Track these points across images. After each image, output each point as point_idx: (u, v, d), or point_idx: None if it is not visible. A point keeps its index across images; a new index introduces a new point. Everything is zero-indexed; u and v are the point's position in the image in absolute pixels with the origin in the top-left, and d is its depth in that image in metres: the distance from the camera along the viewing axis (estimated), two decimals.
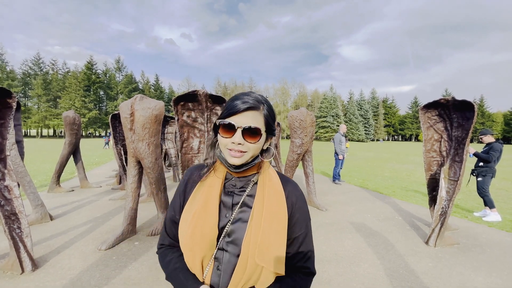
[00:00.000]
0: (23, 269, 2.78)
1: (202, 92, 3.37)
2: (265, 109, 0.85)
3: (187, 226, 0.82)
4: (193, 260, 0.82)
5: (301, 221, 0.88)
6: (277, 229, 0.81)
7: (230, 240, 0.82)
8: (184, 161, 3.57)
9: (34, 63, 57.09)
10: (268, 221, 0.80)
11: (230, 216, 0.85)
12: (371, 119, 73.08)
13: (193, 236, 0.81)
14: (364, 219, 4.82)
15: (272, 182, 0.88)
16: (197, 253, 0.81)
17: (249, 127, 0.79)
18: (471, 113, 3.57)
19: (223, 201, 0.87)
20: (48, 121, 53.79)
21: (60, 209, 5.15)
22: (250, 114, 0.81)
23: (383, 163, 15.29)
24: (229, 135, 0.80)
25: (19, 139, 4.24)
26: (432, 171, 4.16)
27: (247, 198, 0.87)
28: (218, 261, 0.83)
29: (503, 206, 5.91)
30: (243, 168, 0.85)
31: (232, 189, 0.89)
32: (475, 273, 3.02)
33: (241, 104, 0.80)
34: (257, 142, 0.82)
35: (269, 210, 0.82)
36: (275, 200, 0.84)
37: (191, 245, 0.82)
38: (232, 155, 0.81)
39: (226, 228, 0.83)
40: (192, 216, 0.83)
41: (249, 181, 0.89)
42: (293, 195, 0.90)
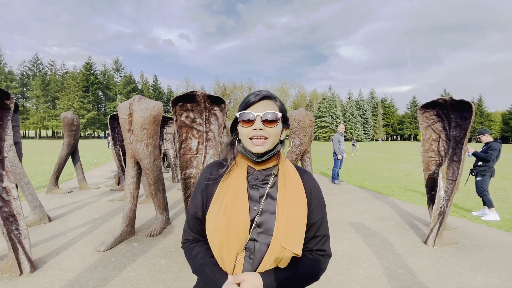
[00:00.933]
0: (21, 270, 2.77)
1: (201, 93, 3.37)
2: (278, 101, 0.96)
3: (219, 219, 0.87)
4: (228, 251, 0.86)
5: (317, 208, 0.96)
6: (299, 216, 0.89)
7: (261, 230, 0.89)
8: (182, 162, 3.56)
9: (32, 64, 56.87)
10: (291, 209, 0.88)
11: (258, 208, 0.91)
12: (370, 119, 73.15)
13: (228, 228, 0.86)
14: (363, 219, 4.82)
15: (291, 173, 0.95)
16: (232, 244, 0.86)
17: (267, 113, 0.89)
18: (469, 112, 3.58)
19: (250, 195, 0.93)
20: (47, 122, 53.63)
21: (58, 210, 5.13)
22: (265, 103, 0.91)
23: (382, 163, 15.31)
24: (249, 124, 0.89)
25: (17, 141, 4.23)
26: (430, 170, 4.17)
27: (271, 190, 0.94)
28: (250, 250, 0.88)
29: (501, 206, 5.92)
30: (265, 156, 0.92)
31: (255, 182, 0.95)
32: (473, 272, 3.03)
33: (256, 96, 0.92)
34: (275, 127, 0.90)
35: (291, 199, 0.90)
36: (296, 189, 0.92)
37: (227, 237, 0.86)
38: (255, 143, 0.89)
39: (255, 220, 0.89)
40: (223, 210, 0.88)
41: (270, 173, 0.96)
42: (310, 184, 0.98)
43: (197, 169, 3.62)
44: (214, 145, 3.65)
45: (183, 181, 3.57)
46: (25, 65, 56.36)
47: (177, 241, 3.78)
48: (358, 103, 75.07)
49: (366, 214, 5.16)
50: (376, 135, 76.79)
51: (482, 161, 5.00)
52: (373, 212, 5.28)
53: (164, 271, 2.95)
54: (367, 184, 8.36)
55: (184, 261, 3.16)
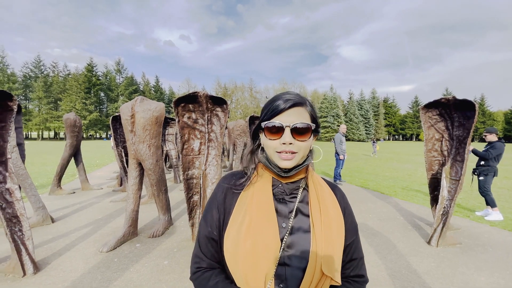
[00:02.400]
0: (24, 272, 2.78)
1: (203, 94, 3.37)
2: (308, 105, 0.80)
3: (242, 240, 0.72)
4: (254, 279, 0.70)
5: (351, 228, 0.84)
6: (337, 235, 0.77)
7: (292, 252, 0.74)
8: (185, 163, 3.57)
9: (34, 65, 57.25)
10: (329, 229, 0.76)
11: (288, 225, 0.77)
12: (371, 118, 73.02)
13: (255, 249, 0.71)
14: (366, 219, 4.81)
15: (323, 187, 0.84)
16: (260, 270, 0.70)
17: (297, 124, 0.74)
18: (472, 112, 3.56)
19: (278, 210, 0.79)
20: (49, 123, 53.96)
21: (61, 211, 5.15)
22: (296, 111, 0.76)
23: (384, 163, 15.26)
24: (277, 136, 0.75)
25: (20, 142, 4.25)
26: (433, 170, 4.15)
27: (300, 205, 0.80)
28: (279, 278, 0.73)
29: (505, 205, 5.88)
30: (294, 171, 0.79)
31: (282, 196, 0.82)
32: (477, 273, 3.01)
33: (285, 102, 0.75)
34: (307, 140, 0.76)
35: (327, 216, 0.77)
36: (331, 205, 0.80)
37: (254, 262, 0.71)
38: (283, 157, 0.75)
39: (284, 240, 0.75)
40: (247, 228, 0.73)
41: (298, 186, 0.83)
42: (342, 200, 0.86)
43: (199, 169, 3.62)
44: (216, 145, 3.65)
45: (185, 182, 3.57)
46: (28, 67, 56.83)
47: (180, 241, 3.78)
48: (359, 103, 74.97)
49: (368, 214, 5.14)
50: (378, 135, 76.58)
51: (482, 159, 5.01)
52: (375, 212, 5.26)
53: (167, 272, 2.95)
54: (369, 184, 8.33)
55: (187, 262, 3.16)
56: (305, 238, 0.75)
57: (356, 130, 67.27)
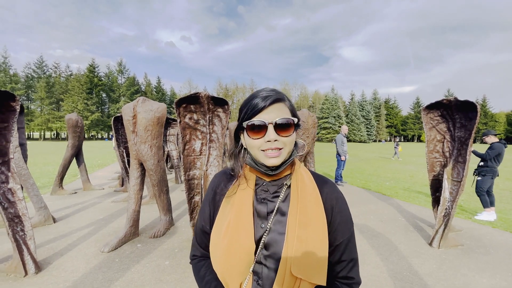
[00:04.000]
0: (26, 271, 2.79)
1: (204, 94, 3.37)
2: (287, 100, 0.79)
3: (221, 238, 0.76)
4: (230, 275, 0.74)
5: (343, 226, 0.80)
6: (315, 237, 0.74)
7: (268, 254, 0.75)
8: (186, 163, 3.57)
9: (37, 66, 57.52)
10: (303, 227, 0.73)
11: (266, 226, 0.77)
12: (373, 120, 72.84)
13: (229, 249, 0.74)
14: (367, 221, 4.80)
15: (306, 183, 0.80)
16: (234, 267, 0.74)
17: (280, 120, 0.73)
18: (474, 113, 3.55)
19: (257, 210, 0.79)
20: (51, 123, 54.13)
21: (63, 211, 5.17)
22: (276, 108, 0.75)
23: (385, 164, 15.23)
24: (260, 135, 0.74)
25: (22, 142, 4.27)
26: (435, 172, 4.14)
27: (282, 204, 0.79)
28: (257, 275, 0.75)
29: (506, 207, 5.86)
30: (281, 167, 0.78)
31: (264, 196, 0.81)
32: (479, 274, 2.99)
33: (264, 99, 0.74)
34: (291, 135, 0.76)
35: (304, 216, 0.75)
36: (311, 204, 0.77)
37: (228, 259, 0.74)
38: (270, 155, 0.74)
39: (262, 240, 0.75)
40: (226, 228, 0.76)
41: (282, 184, 0.82)
42: (332, 197, 0.81)
43: (201, 170, 3.63)
44: (218, 146, 3.65)
45: (186, 182, 3.57)
46: (30, 67, 57.06)
47: (181, 242, 3.78)
48: (361, 104, 74.82)
49: (370, 215, 5.13)
50: (379, 136, 76.43)
51: (481, 160, 5.03)
52: (377, 214, 5.24)
53: (168, 272, 2.95)
54: (370, 186, 8.31)
55: (188, 262, 3.16)
56: (279, 240, 0.75)
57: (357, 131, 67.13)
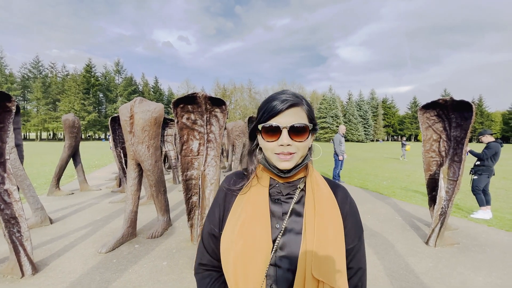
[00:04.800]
0: (23, 273, 2.78)
1: (202, 95, 3.38)
2: (305, 104, 0.79)
3: (234, 240, 0.74)
4: (245, 280, 0.71)
5: (352, 232, 0.79)
6: (334, 238, 0.73)
7: (283, 254, 0.74)
8: (184, 163, 3.57)
9: (33, 66, 57.14)
10: (323, 230, 0.73)
11: (281, 226, 0.76)
12: (370, 119, 73.13)
13: (245, 251, 0.72)
14: (365, 220, 4.82)
15: (321, 187, 0.80)
16: (250, 272, 0.71)
17: (295, 125, 0.73)
18: (470, 113, 3.58)
19: (272, 211, 0.79)
20: (48, 124, 53.82)
21: (60, 212, 5.14)
22: (293, 112, 0.75)
23: (383, 163, 15.30)
24: (274, 138, 0.74)
25: (18, 143, 4.25)
26: (431, 171, 4.17)
27: (296, 206, 0.79)
28: (271, 278, 0.73)
29: (502, 206, 5.91)
30: (293, 171, 0.78)
31: (278, 197, 0.81)
32: (475, 273, 3.02)
33: (282, 103, 0.74)
34: (305, 141, 0.76)
35: (322, 217, 0.74)
36: (327, 205, 0.77)
37: (243, 263, 0.71)
38: (282, 159, 0.74)
39: (277, 241, 0.74)
40: (239, 228, 0.75)
41: (296, 186, 0.82)
42: (345, 201, 0.81)
43: (198, 170, 3.63)
44: (215, 146, 3.65)
45: (184, 183, 3.57)
46: (26, 68, 56.69)
47: (179, 242, 3.78)
48: (358, 103, 75.10)
49: (367, 215, 5.16)
50: (376, 135, 76.74)
51: (478, 159, 5.09)
52: (374, 213, 5.27)
53: (166, 272, 2.95)
54: (368, 185, 8.35)
55: (185, 263, 3.17)
56: (296, 239, 0.74)
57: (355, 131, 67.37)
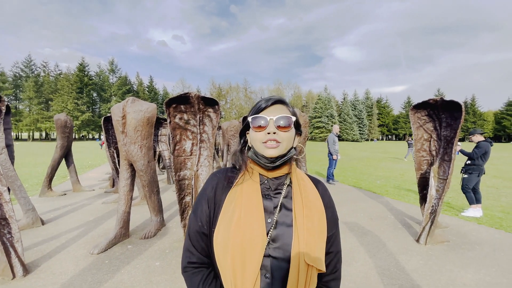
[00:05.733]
0: (14, 274, 2.76)
1: (194, 94, 3.37)
2: (290, 107, 0.91)
3: (232, 236, 0.77)
4: (242, 273, 0.75)
5: (331, 221, 0.89)
6: (319, 229, 0.82)
7: (277, 246, 0.80)
8: (176, 163, 3.56)
9: (25, 65, 56.24)
10: (311, 221, 0.81)
11: (273, 220, 0.82)
12: (365, 119, 73.66)
13: (243, 243, 0.76)
14: (357, 219, 4.87)
15: (305, 182, 0.90)
16: (248, 264, 0.76)
17: (280, 116, 0.83)
18: (459, 113, 3.64)
19: (264, 206, 0.84)
20: (40, 124, 53.05)
21: (52, 213, 5.09)
22: (278, 107, 0.87)
23: (377, 162, 15.44)
24: (262, 129, 0.84)
25: (9, 143, 4.19)
26: (422, 170, 4.23)
27: (284, 200, 0.86)
28: (265, 268, 0.79)
29: (493, 204, 6.02)
30: (279, 161, 0.84)
31: (268, 192, 0.87)
32: (464, 270, 3.08)
33: (267, 101, 0.87)
34: (289, 131, 0.85)
35: (310, 210, 0.83)
36: (313, 199, 0.86)
37: (242, 256, 0.76)
38: (268, 146, 0.82)
39: (269, 234, 0.80)
40: (236, 224, 0.78)
41: (282, 183, 0.89)
42: (325, 195, 0.92)
43: (191, 170, 3.63)
44: (208, 146, 3.65)
45: (177, 183, 3.57)
46: (18, 67, 55.72)
47: (172, 242, 3.78)
48: (353, 103, 75.58)
49: (360, 213, 5.21)
50: (371, 135, 77.33)
51: (468, 159, 5.17)
52: (367, 212, 5.33)
53: (159, 273, 2.95)
54: (361, 184, 8.43)
55: (178, 263, 3.17)
56: (288, 231, 0.81)
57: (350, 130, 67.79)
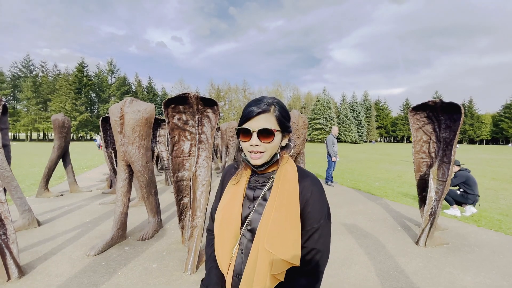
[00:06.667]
0: (9, 276, 2.71)
1: (193, 95, 3.35)
2: (276, 110, 0.94)
3: (218, 215, 1.00)
4: (222, 243, 0.96)
5: (312, 216, 0.91)
6: (288, 218, 0.87)
7: (250, 228, 0.94)
8: (175, 164, 3.53)
9: (23, 65, 55.98)
10: (278, 210, 0.88)
11: (252, 207, 0.96)
12: (363, 121, 73.80)
13: (222, 224, 0.96)
14: (356, 221, 4.85)
15: (288, 176, 0.95)
16: (224, 237, 0.95)
17: (262, 129, 0.90)
18: (458, 115, 3.64)
19: (247, 195, 1.00)
20: (38, 124, 52.75)
21: (48, 214, 5.04)
22: (263, 117, 0.92)
23: (375, 164, 15.43)
24: (247, 139, 0.92)
25: (5, 143, 4.14)
26: (421, 172, 4.21)
27: (267, 192, 0.97)
28: (242, 245, 0.95)
29: (491, 206, 6.02)
30: (264, 166, 0.96)
31: (255, 184, 1.01)
32: (464, 272, 3.06)
33: (254, 109, 0.92)
34: (271, 142, 0.92)
35: (280, 201, 0.89)
36: (287, 193, 0.91)
37: (221, 230, 0.96)
38: (253, 157, 0.93)
39: (248, 218, 0.95)
40: (223, 206, 1.00)
41: (270, 177, 0.99)
42: (308, 189, 0.94)
43: (190, 171, 3.59)
44: (207, 147, 3.63)
45: (175, 184, 3.54)
46: (16, 67, 55.47)
47: (170, 244, 3.74)
48: (352, 105, 75.71)
49: (359, 215, 5.19)
50: (369, 136, 77.47)
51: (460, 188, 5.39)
52: (366, 214, 5.31)
53: (156, 275, 2.91)
54: (360, 186, 8.41)
55: (176, 265, 3.13)
56: (259, 218, 0.92)
57: (348, 132, 67.87)
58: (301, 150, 5.61)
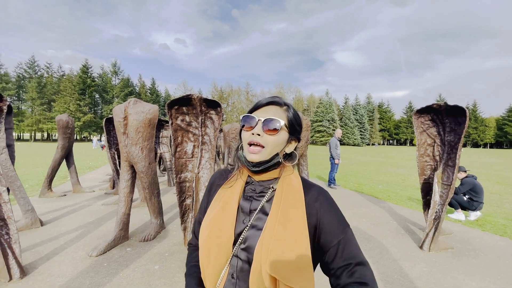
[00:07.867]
0: (11, 276, 2.71)
1: (197, 96, 3.35)
2: (289, 111, 0.85)
3: (205, 228, 0.81)
4: (207, 264, 0.79)
5: (333, 227, 0.77)
6: (293, 236, 0.73)
7: (244, 247, 0.77)
8: (177, 166, 3.53)
9: (28, 66, 56.53)
10: (282, 227, 0.73)
11: (248, 222, 0.80)
12: (366, 123, 73.57)
13: (209, 239, 0.79)
14: (359, 224, 4.81)
15: (291, 186, 0.81)
16: (212, 257, 0.78)
17: (268, 118, 0.80)
18: (463, 118, 3.60)
19: (241, 206, 0.84)
20: (42, 124, 53.14)
21: (51, 214, 5.05)
22: (272, 109, 0.83)
23: (378, 167, 15.35)
24: (250, 128, 0.81)
25: (10, 143, 4.17)
26: (425, 175, 4.18)
27: (266, 205, 0.82)
28: (233, 268, 0.78)
29: (496, 210, 5.95)
30: (261, 167, 0.81)
31: (251, 194, 0.85)
32: (469, 277, 3.02)
33: (264, 100, 0.85)
34: (276, 135, 0.80)
35: (285, 216, 0.75)
36: (293, 206, 0.77)
37: (207, 249, 0.79)
38: (251, 151, 0.80)
39: (242, 235, 0.79)
40: (210, 219, 0.82)
41: (269, 186, 0.85)
42: (316, 201, 0.81)
43: (192, 172, 3.59)
44: (210, 148, 3.63)
45: (178, 185, 3.53)
46: (21, 67, 56.00)
47: (172, 246, 3.73)
48: (354, 107, 75.58)
49: (362, 218, 5.15)
50: (372, 139, 77.17)
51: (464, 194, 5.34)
52: (369, 217, 5.27)
53: (158, 276, 2.90)
54: (363, 189, 8.36)
55: (178, 266, 3.12)
56: (257, 235, 0.77)
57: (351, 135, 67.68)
58: (304, 153, 5.59)
